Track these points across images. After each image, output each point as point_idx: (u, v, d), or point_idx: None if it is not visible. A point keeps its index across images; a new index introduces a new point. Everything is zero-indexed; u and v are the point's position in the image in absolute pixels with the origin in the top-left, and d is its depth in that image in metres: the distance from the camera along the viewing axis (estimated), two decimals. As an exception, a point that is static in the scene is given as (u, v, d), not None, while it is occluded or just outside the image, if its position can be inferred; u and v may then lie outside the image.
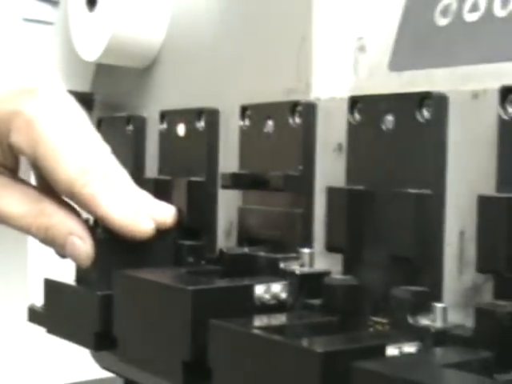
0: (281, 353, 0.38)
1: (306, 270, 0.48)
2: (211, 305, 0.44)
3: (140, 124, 0.66)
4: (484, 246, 0.39)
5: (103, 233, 0.53)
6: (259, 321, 0.44)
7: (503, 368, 0.37)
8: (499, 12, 0.44)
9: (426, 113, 0.44)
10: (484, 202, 0.39)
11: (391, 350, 0.39)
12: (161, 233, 0.55)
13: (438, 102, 0.43)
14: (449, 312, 0.42)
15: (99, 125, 0.69)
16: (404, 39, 0.49)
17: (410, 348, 0.40)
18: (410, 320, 0.42)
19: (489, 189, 0.41)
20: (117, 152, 0.57)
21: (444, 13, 0.47)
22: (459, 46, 0.45)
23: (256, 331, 0.41)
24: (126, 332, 0.49)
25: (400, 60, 0.48)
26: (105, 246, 0.53)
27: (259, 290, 0.46)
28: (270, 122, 0.53)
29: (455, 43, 0.46)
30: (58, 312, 0.56)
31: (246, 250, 0.53)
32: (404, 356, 0.38)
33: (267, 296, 0.47)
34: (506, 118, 0.40)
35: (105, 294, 0.51)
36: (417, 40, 0.48)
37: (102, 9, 0.65)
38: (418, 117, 0.44)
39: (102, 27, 0.65)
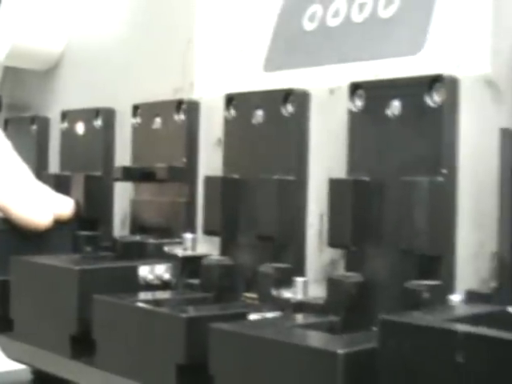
0: (154, 321, 0.43)
1: (188, 253, 0.52)
2: (97, 283, 0.48)
3: (43, 124, 0.70)
4: (334, 224, 0.44)
5: (2, 223, 0.57)
6: (141, 297, 0.48)
7: (349, 329, 0.42)
8: (356, 18, 0.49)
9: (290, 107, 0.48)
10: (334, 185, 0.44)
11: (253, 317, 0.43)
12: (59, 224, 0.58)
13: (300, 98, 0.48)
14: (311, 286, 0.47)
15: (6, 125, 0.73)
16: (277, 42, 0.53)
17: (270, 316, 0.44)
18: (274, 293, 0.46)
19: (344, 174, 0.46)
20: (22, 150, 0.60)
21: (311, 18, 0.52)
22: (322, 48, 0.50)
23: (133, 303, 0.45)
24: (21, 314, 0.53)
25: (273, 61, 0.53)
26: (4, 236, 0.57)
27: (143, 270, 0.51)
28: (158, 119, 0.57)
29: (319, 46, 0.51)
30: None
31: (137, 237, 0.57)
32: (259, 320, 0.43)
33: (151, 276, 0.51)
34: (354, 110, 0.45)
35: (2, 280, 0.54)
36: (288, 43, 0.53)
37: (4, 13, 0.68)
38: (283, 111, 0.48)
39: (4, 31, 0.69)
